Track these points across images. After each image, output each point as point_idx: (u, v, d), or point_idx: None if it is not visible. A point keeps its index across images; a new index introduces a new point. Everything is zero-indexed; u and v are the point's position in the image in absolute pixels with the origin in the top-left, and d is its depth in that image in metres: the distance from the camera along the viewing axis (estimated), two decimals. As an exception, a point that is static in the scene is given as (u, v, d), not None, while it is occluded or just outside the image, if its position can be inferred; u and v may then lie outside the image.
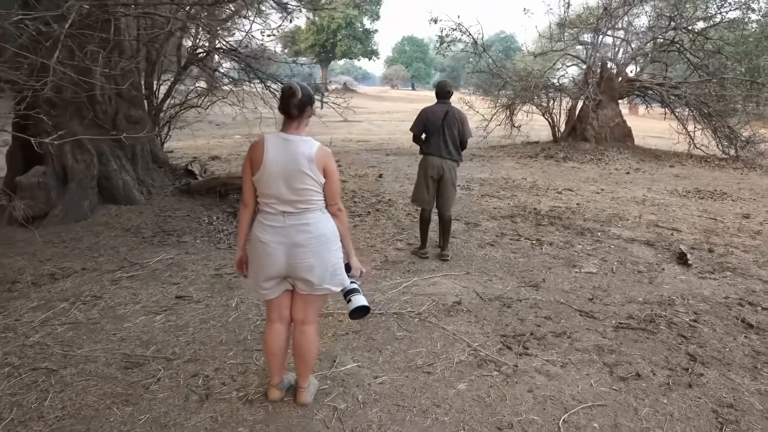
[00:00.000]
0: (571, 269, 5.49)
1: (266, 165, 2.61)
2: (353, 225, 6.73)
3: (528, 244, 6.26)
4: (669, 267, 5.75)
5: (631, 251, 6.23)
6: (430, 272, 5.23)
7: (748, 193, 10.61)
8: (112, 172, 7.18)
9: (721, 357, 3.76)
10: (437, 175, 5.58)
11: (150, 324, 4.00)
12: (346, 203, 7.78)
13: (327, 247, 2.68)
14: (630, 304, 4.64)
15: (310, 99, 2.66)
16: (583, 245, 6.35)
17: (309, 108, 2.67)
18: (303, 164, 2.59)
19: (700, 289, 5.12)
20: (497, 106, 16.92)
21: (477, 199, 8.65)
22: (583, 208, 8.43)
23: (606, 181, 11.31)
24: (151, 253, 5.56)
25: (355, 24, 61.41)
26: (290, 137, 2.64)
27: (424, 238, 5.78)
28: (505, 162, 13.58)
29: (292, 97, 2.59)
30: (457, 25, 15.96)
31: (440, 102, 5.61)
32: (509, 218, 7.46)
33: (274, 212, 2.66)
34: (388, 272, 5.19)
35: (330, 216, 2.74)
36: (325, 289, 2.75)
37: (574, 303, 4.61)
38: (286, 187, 2.61)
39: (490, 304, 4.51)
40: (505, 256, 5.78)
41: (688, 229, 7.51)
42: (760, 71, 14.94)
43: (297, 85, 2.61)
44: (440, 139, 5.49)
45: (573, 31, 16.75)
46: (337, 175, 2.74)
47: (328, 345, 3.72)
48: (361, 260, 3.07)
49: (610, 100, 15.55)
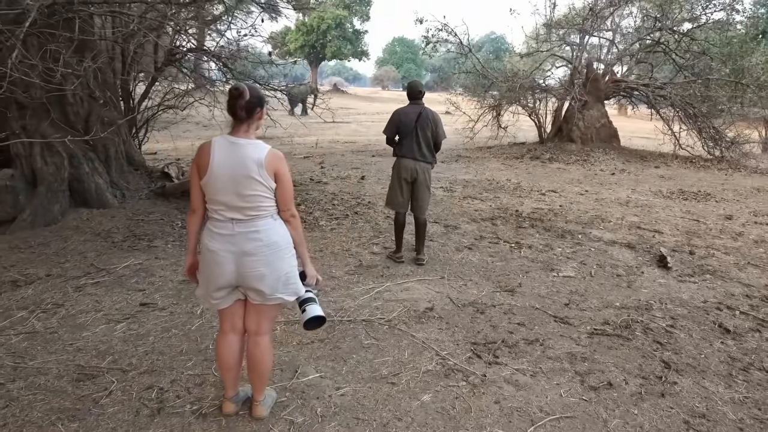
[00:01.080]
0: (548, 273, 5.39)
1: (212, 170, 2.49)
2: (330, 229, 6.61)
3: (507, 248, 6.16)
4: (648, 270, 5.66)
5: (611, 254, 6.14)
6: (404, 277, 5.11)
7: (732, 194, 10.58)
8: (84, 175, 7.02)
9: (696, 364, 3.67)
10: (411, 178, 5.48)
11: (110, 333, 3.86)
12: (325, 206, 7.67)
13: (278, 255, 2.56)
14: (606, 310, 4.55)
15: (259, 101, 2.55)
16: (562, 248, 6.26)
17: (258, 110, 2.56)
18: (251, 169, 2.47)
19: (679, 293, 5.04)
20: (484, 107, 16.85)
21: (458, 201, 8.55)
22: (565, 210, 8.35)
23: (590, 183, 11.25)
24: (119, 259, 5.41)
25: (345, 25, 61.25)
26: (238, 141, 2.52)
27: (399, 241, 5.67)
28: (490, 163, 13.50)
29: (239, 98, 2.47)
30: (443, 26, 15.89)
31: (413, 103, 5.51)
32: (490, 221, 7.37)
33: (223, 219, 2.54)
34: (362, 277, 5.07)
35: (282, 223, 2.62)
36: (278, 299, 2.63)
37: (549, 308, 4.50)
38: (234, 193, 2.49)
39: (463, 310, 4.40)
40: (482, 260, 5.68)
41: (670, 230, 7.44)
42: (744, 72, 14.95)
43: (245, 86, 2.49)
44: (413, 141, 5.38)
45: (560, 32, 16.70)
46: (290, 179, 2.63)
47: (292, 354, 3.60)
48: (328, 266, 2.95)
49: (596, 100, 15.52)
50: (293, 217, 2.63)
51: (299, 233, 2.68)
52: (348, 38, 61.86)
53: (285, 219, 2.63)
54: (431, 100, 30.79)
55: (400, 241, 5.67)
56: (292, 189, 2.64)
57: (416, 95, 5.51)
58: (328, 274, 5.09)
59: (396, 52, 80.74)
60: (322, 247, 5.88)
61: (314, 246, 5.90)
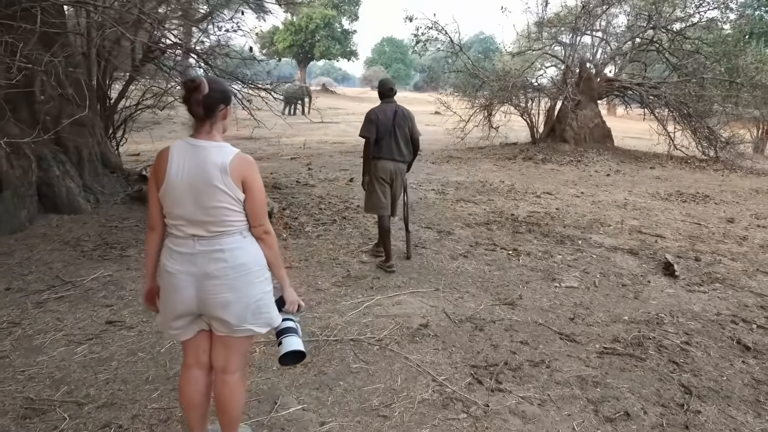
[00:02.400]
0: (550, 283, 5.04)
1: (170, 178, 2.11)
2: (316, 235, 6.22)
3: (504, 255, 5.81)
4: (655, 279, 5.33)
5: (614, 261, 5.81)
6: (396, 289, 4.74)
7: (731, 196, 10.32)
8: (54, 179, 6.59)
9: (718, 388, 3.32)
10: (390, 179, 5.26)
11: (68, 357, 3.45)
12: (312, 211, 7.27)
13: (247, 279, 2.17)
14: (615, 324, 4.20)
15: (222, 96, 2.16)
16: (563, 255, 5.92)
17: (221, 107, 2.17)
18: (214, 176, 2.09)
19: (690, 305, 4.71)
20: (475, 107, 16.52)
21: (451, 205, 8.19)
22: (562, 213, 8.02)
23: (586, 184, 10.95)
24: (88, 270, 4.99)
25: (334, 24, 60.84)
26: (200, 143, 2.14)
27: (388, 249, 5.32)
28: (482, 164, 13.16)
29: (194, 92, 2.08)
30: (433, 24, 15.54)
31: (385, 102, 5.29)
32: (485, 225, 7.01)
33: (183, 236, 2.15)
34: (350, 289, 4.69)
35: (254, 240, 2.24)
36: (247, 331, 2.24)
37: (553, 324, 4.15)
38: (194, 205, 2.10)
39: (460, 326, 4.03)
40: (478, 269, 5.31)
41: (672, 235, 7.13)
42: (738, 71, 14.73)
43: (203, 79, 2.10)
44: (392, 140, 5.16)
45: (552, 30, 16.40)
46: (262, 189, 2.24)
47: (272, 381, 3.22)
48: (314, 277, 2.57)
49: (589, 100, 15.24)
50: (266, 233, 2.25)
51: (275, 252, 2.29)
52: (336, 38, 61.45)
53: (257, 236, 2.24)
54: (421, 100, 30.75)
55: (389, 248, 5.33)
56: (264, 200, 2.25)
57: (388, 93, 5.29)
58: (314, 286, 4.71)
59: (385, 52, 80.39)
60: (308, 256, 5.50)
61: (299, 254, 5.52)
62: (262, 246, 2.25)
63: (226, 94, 2.18)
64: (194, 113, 2.12)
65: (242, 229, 2.20)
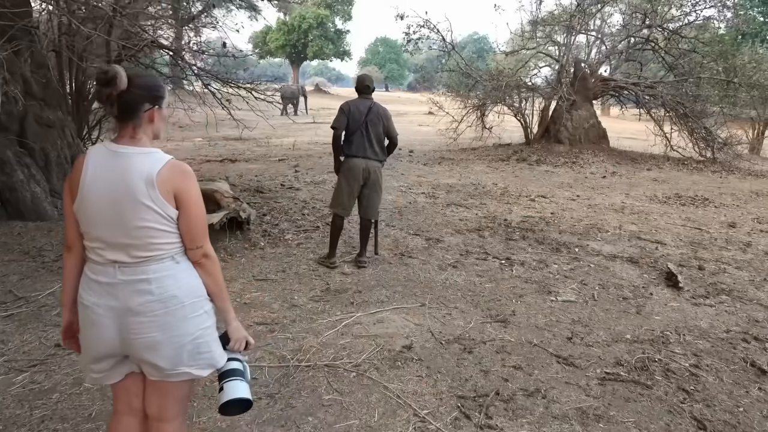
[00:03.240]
0: (545, 297, 4.67)
1: (83, 191, 1.73)
2: (297, 243, 5.83)
3: (496, 265, 5.44)
4: (657, 291, 4.98)
5: (613, 271, 5.45)
6: (378, 304, 4.35)
7: (731, 199, 9.99)
8: (18, 183, 6.19)
9: (735, 422, 2.96)
10: (363, 179, 5.02)
11: (5, 389, 3.06)
12: (294, 216, 6.88)
13: (180, 314, 1.79)
14: (617, 344, 3.84)
15: (147, 95, 1.77)
16: (559, 264, 5.55)
17: (146, 107, 1.78)
18: (138, 190, 1.71)
19: (696, 320, 4.35)
20: (467, 107, 16.16)
21: (442, 209, 7.82)
22: (558, 218, 7.66)
23: (581, 187, 10.60)
24: (45, 283, 4.60)
25: (327, 24, 60.45)
26: (121, 149, 1.75)
27: (333, 246, 5.22)
28: (475, 165, 12.80)
29: (106, 87, 1.70)
30: (424, 22, 15.16)
31: (362, 97, 5.09)
32: (476, 232, 6.64)
33: (102, 262, 1.77)
34: (328, 305, 4.31)
35: (190, 266, 1.86)
36: (184, 374, 1.86)
37: (549, 344, 3.78)
38: (114, 224, 1.72)
39: (447, 348, 3.66)
40: (468, 281, 4.94)
41: (673, 241, 6.79)
42: (736, 71, 14.44)
43: (120, 71, 1.70)
44: (364, 137, 4.95)
45: (546, 29, 16.07)
46: (200, 203, 1.85)
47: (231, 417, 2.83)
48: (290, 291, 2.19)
49: (585, 100, 14.90)
50: (206, 257, 1.86)
51: (216, 280, 1.91)
52: (330, 38, 61.09)
53: (194, 260, 1.85)
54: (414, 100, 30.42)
55: (335, 246, 5.22)
56: (203, 217, 1.86)
57: (364, 89, 5.10)
58: (289, 302, 4.33)
59: (379, 53, 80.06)
60: (286, 267, 5.11)
61: (276, 266, 5.13)
62: (201, 273, 1.87)
63: (152, 92, 1.79)
64: (112, 113, 1.74)
65: (174, 253, 1.81)
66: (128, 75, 1.72)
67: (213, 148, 14.99)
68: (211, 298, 1.91)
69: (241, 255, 5.34)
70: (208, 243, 1.88)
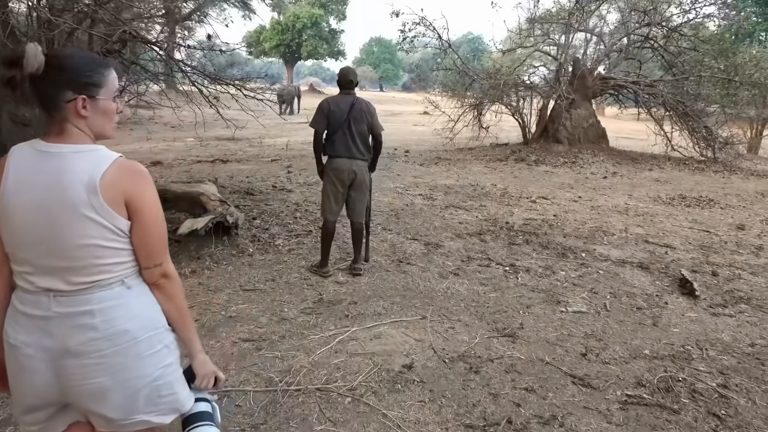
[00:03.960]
0: (554, 307, 4.35)
1: (4, 202, 1.39)
2: (288, 249, 5.49)
3: (500, 272, 5.11)
4: (672, 299, 4.66)
5: (623, 278, 5.14)
6: (375, 317, 4.02)
7: (736, 200, 9.71)
8: (-9, 186, 5.82)
9: (775, 453, 2.65)
10: (348, 180, 4.70)
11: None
12: (285, 220, 6.54)
13: (133, 352, 1.45)
14: (636, 361, 3.52)
15: (70, 78, 1.41)
16: (566, 271, 5.24)
17: (69, 96, 1.41)
18: (77, 199, 1.36)
19: (717, 333, 4.04)
20: (464, 106, 15.85)
21: (440, 212, 7.49)
22: (561, 221, 7.35)
23: (583, 187, 10.30)
24: None
25: (321, 24, 60.14)
26: (53, 149, 1.41)
27: (326, 253, 4.87)
28: (472, 166, 12.48)
29: (10, 68, 1.35)
30: (420, 19, 14.84)
31: (343, 93, 4.76)
32: (477, 236, 6.32)
33: (32, 290, 1.42)
34: (321, 318, 3.97)
35: (145, 291, 1.52)
36: (142, 423, 1.52)
37: (563, 362, 3.46)
38: (46, 243, 1.38)
39: (451, 367, 3.33)
40: (472, 291, 4.61)
41: (682, 244, 6.49)
42: (737, 69, 14.17)
43: (32, 49, 1.34)
44: (347, 136, 4.63)
45: (544, 26, 15.77)
46: (157, 210, 1.50)
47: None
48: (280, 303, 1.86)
49: (584, 99, 14.60)
50: (166, 277, 1.52)
51: (179, 305, 1.56)
52: (324, 37, 60.80)
53: (151, 282, 1.51)
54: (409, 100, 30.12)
55: (327, 254, 4.88)
56: (162, 229, 1.51)
57: (347, 84, 4.74)
58: (279, 315, 3.99)
59: (373, 52, 79.86)
60: (276, 275, 4.77)
61: (265, 274, 4.79)
62: (160, 297, 1.52)
63: (77, 77, 1.42)
64: (22, 102, 1.41)
65: (125, 275, 1.46)
66: (49, 55, 1.37)
67: (204, 148, 14.67)
68: (173, 327, 1.57)
69: (228, 262, 5.00)
70: (169, 259, 1.54)
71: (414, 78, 58.44)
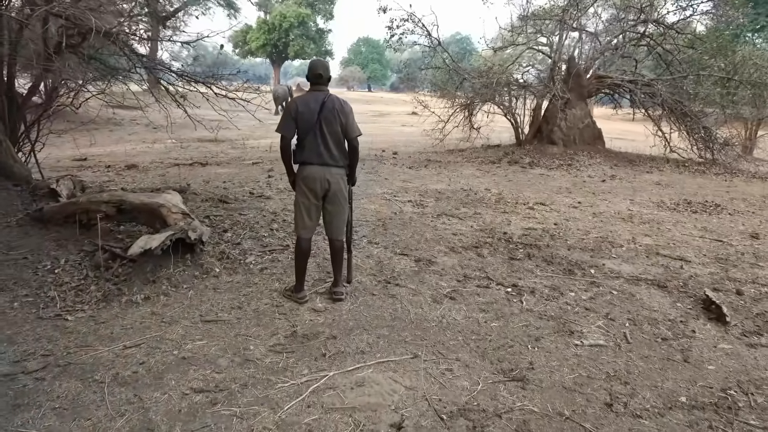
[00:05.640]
0: (567, 339, 3.73)
1: None
2: (260, 268, 4.82)
3: (502, 294, 4.49)
4: (699, 326, 4.07)
5: (641, 300, 4.54)
6: (358, 357, 3.38)
7: (743, 205, 9.18)
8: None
9: None
10: (322, 190, 4.02)
11: None
12: (260, 232, 5.87)
13: None
14: (672, 413, 2.91)
15: None
16: (575, 292, 4.63)
17: None
18: None
19: (759, 369, 3.45)
20: (454, 106, 15.24)
21: (432, 221, 6.86)
22: (563, 230, 6.75)
23: (581, 192, 9.73)
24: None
25: (308, 23, 59.41)
26: None
27: (301, 276, 4.22)
28: (464, 169, 11.88)
29: None
30: (408, 15, 14.22)
31: (314, 90, 4.06)
32: (474, 249, 5.70)
33: None
34: (293, 359, 3.33)
35: None
36: None
37: (585, 415, 2.84)
38: None
39: (451, 427, 2.70)
40: (470, 319, 3.98)
41: (697, 257, 5.92)
42: (736, 68, 13.68)
43: None
44: (318, 139, 3.97)
45: (537, 23, 15.20)
46: None
47: None
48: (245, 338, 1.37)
49: (579, 98, 14.04)
50: None
51: None
52: (311, 37, 60.09)
53: None
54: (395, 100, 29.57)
55: (303, 276, 4.23)
56: None
57: (316, 79, 4.03)
58: (242, 356, 3.34)
59: (361, 53, 79.19)
60: (243, 302, 4.11)
61: (232, 300, 4.13)
62: None
63: None
64: None
65: None
66: None
67: (185, 151, 14.01)
68: None
69: (189, 286, 4.33)
70: None
71: (402, 77, 57.88)
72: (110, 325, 3.65)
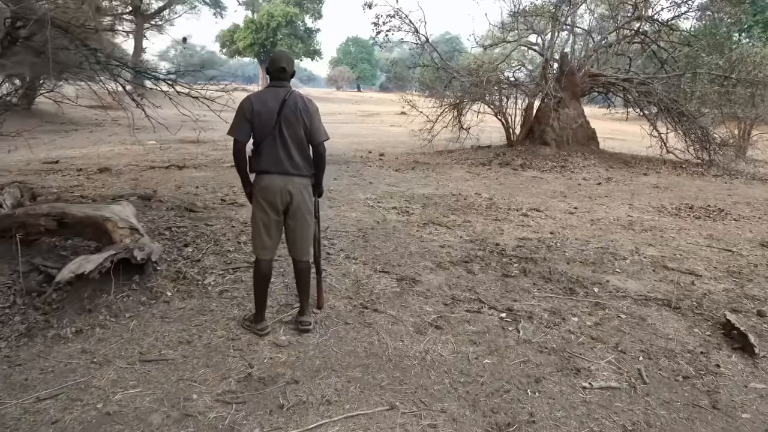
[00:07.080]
0: (573, 380, 3.16)
1: None
2: (219, 291, 4.21)
3: (495, 321, 3.91)
4: (723, 359, 3.52)
5: (653, 325, 3.98)
6: (323, 409, 2.78)
7: (748, 209, 8.69)
8: None
9: None
10: (283, 204, 3.41)
11: None
12: (225, 246, 5.26)
13: None
14: (708, 485, 2.35)
15: None
16: (579, 316, 4.07)
17: None
18: None
19: (801, 417, 2.90)
20: (443, 106, 14.69)
21: (417, 231, 6.29)
22: (560, 240, 6.21)
23: (577, 196, 9.20)
24: None
25: (296, 22, 58.78)
26: None
27: (261, 304, 3.60)
28: (453, 171, 11.33)
29: None
30: (395, 11, 13.65)
31: (273, 85, 3.46)
32: (463, 265, 5.12)
33: None
34: (243, 412, 2.73)
35: None
36: None
37: (601, 492, 2.28)
38: None
39: None
40: (459, 355, 3.40)
41: (707, 269, 5.39)
42: (733, 66, 13.22)
43: None
44: (277, 144, 3.37)
45: (528, 20, 14.67)
46: None
47: None
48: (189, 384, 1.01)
49: (572, 97, 13.53)
50: None
51: None
52: (299, 36, 59.51)
53: None
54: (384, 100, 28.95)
55: (264, 304, 3.61)
56: None
57: (278, 73, 3.42)
58: (182, 408, 2.73)
59: (350, 52, 78.59)
60: (194, 334, 3.51)
61: (181, 332, 3.52)
62: None
63: None
64: None
65: None
66: None
67: (163, 152, 13.36)
68: None
69: (133, 314, 3.72)
70: None
71: (390, 76, 57.22)
72: (27, 368, 3.04)
